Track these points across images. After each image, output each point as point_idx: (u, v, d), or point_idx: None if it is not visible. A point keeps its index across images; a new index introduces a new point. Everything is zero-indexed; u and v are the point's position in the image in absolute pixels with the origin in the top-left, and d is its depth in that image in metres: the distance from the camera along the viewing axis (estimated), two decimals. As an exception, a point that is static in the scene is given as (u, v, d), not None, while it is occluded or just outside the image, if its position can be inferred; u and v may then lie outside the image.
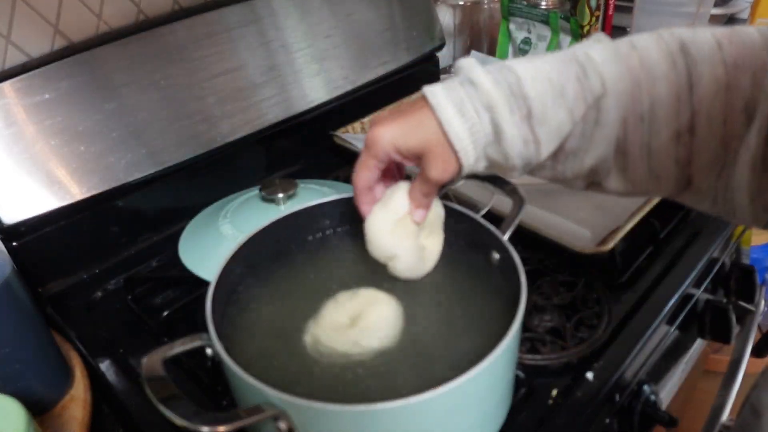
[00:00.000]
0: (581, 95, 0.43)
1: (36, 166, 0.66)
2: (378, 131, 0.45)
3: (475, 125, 0.43)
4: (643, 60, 0.43)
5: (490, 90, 0.42)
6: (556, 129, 0.43)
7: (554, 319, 0.62)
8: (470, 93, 0.43)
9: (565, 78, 0.43)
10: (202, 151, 0.78)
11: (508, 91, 0.43)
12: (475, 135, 0.43)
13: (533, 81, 0.43)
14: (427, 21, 1.06)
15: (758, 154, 0.40)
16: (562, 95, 0.43)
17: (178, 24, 0.76)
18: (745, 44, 0.41)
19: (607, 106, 0.43)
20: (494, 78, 0.43)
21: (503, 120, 0.43)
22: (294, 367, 0.48)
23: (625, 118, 0.44)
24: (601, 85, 0.43)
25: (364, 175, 0.48)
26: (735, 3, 1.32)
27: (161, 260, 0.77)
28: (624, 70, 0.43)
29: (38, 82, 0.66)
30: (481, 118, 0.43)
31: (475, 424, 0.46)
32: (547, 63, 0.44)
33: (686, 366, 0.88)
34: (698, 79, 0.41)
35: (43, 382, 0.55)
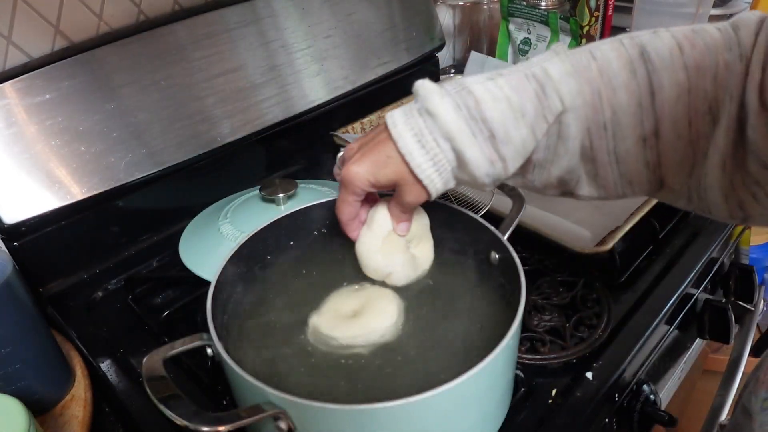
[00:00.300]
0: (541, 113, 0.43)
1: (37, 166, 0.66)
2: (352, 170, 0.46)
3: (437, 155, 0.44)
4: (603, 70, 0.43)
5: (448, 120, 0.43)
6: (521, 146, 0.44)
7: (554, 319, 0.63)
8: (429, 123, 0.44)
9: (524, 97, 0.43)
10: (202, 151, 0.78)
11: (468, 114, 0.43)
12: (438, 164, 0.44)
13: (493, 102, 0.43)
14: (427, 21, 1.06)
15: (727, 153, 0.41)
16: (522, 114, 0.43)
17: (179, 24, 0.76)
18: (706, 45, 0.41)
19: (568, 121, 0.44)
20: (453, 103, 0.43)
21: (465, 146, 0.43)
22: (294, 367, 0.48)
23: (588, 129, 0.44)
24: (560, 102, 0.43)
25: (347, 210, 0.51)
26: (734, 3, 1.32)
27: (161, 260, 0.78)
28: (583, 83, 0.43)
29: (39, 82, 0.66)
30: (441, 147, 0.44)
31: (475, 424, 0.46)
32: (505, 82, 0.44)
33: (685, 366, 0.88)
34: (659, 86, 0.42)
35: (44, 382, 0.55)
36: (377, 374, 0.47)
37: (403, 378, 0.46)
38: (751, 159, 0.40)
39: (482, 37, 1.24)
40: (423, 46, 1.05)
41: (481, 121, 0.43)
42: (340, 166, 0.51)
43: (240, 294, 0.54)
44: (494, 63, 1.09)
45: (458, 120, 0.43)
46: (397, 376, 0.46)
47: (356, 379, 0.47)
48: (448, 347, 0.49)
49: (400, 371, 0.47)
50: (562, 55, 0.45)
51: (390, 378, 0.46)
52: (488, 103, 0.43)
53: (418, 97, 0.45)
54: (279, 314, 0.53)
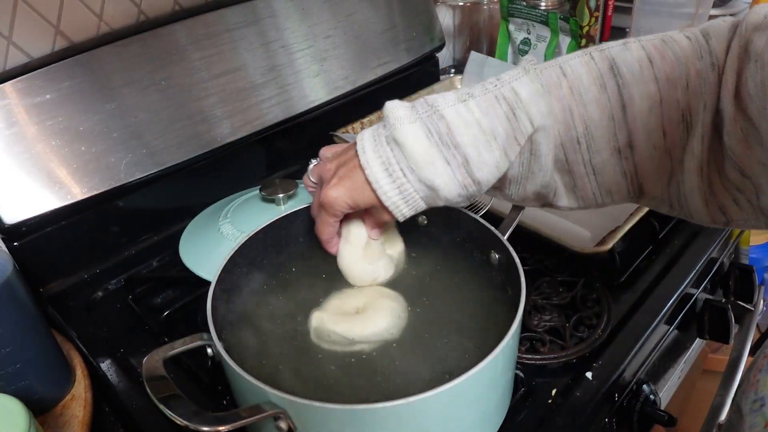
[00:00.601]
0: (512, 135, 0.43)
1: (37, 167, 0.66)
2: (332, 194, 0.47)
3: (403, 184, 0.44)
4: (573, 86, 0.44)
5: (417, 151, 0.43)
6: (494, 168, 0.44)
7: (554, 319, 0.63)
8: (396, 153, 0.44)
9: (495, 120, 0.43)
10: (202, 152, 0.78)
11: (440, 141, 0.43)
12: (405, 192, 0.45)
13: (465, 127, 0.43)
14: (427, 21, 1.06)
15: (704, 160, 0.41)
16: (494, 137, 0.43)
17: (179, 25, 0.76)
18: (676, 56, 0.42)
19: (539, 140, 0.44)
20: (424, 128, 0.43)
21: (434, 176, 0.43)
22: (294, 367, 0.48)
23: (562, 144, 0.45)
24: (530, 123, 0.43)
25: (328, 231, 0.52)
26: (734, 3, 1.32)
27: (162, 260, 0.78)
28: (553, 101, 0.44)
29: (39, 82, 0.66)
30: (408, 178, 0.44)
31: (475, 423, 0.46)
32: (476, 105, 0.44)
33: (685, 365, 0.88)
34: (629, 99, 0.42)
35: (44, 382, 0.55)
36: (377, 373, 0.47)
37: (403, 377, 0.46)
38: (728, 165, 0.40)
39: (482, 37, 1.24)
40: (423, 46, 1.05)
41: (453, 147, 0.43)
42: (311, 177, 0.53)
43: (240, 294, 0.54)
44: (494, 63, 1.09)
45: (430, 148, 0.43)
46: (397, 376, 0.46)
47: (356, 378, 0.47)
48: (448, 347, 0.49)
49: (400, 370, 0.47)
50: (532, 74, 0.44)
51: (390, 377, 0.46)
52: (460, 128, 0.43)
53: (387, 123, 0.45)
54: (279, 314, 0.53)
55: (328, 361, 0.48)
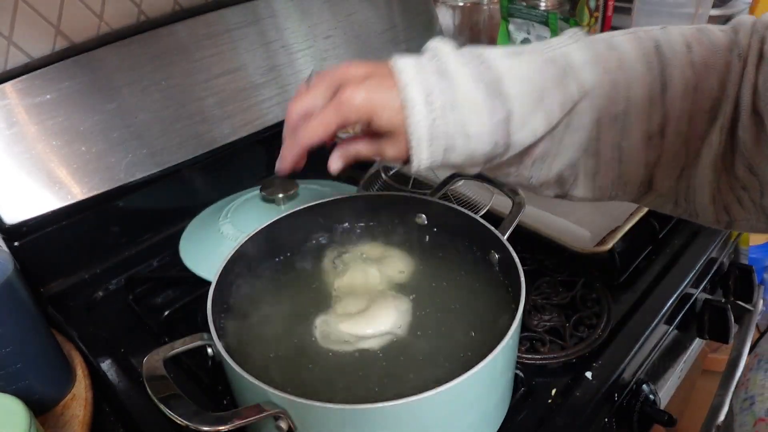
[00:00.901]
0: (559, 101, 0.41)
1: (37, 167, 0.66)
2: (356, 94, 0.40)
3: (437, 119, 0.40)
4: (622, 61, 0.42)
5: (464, 90, 0.40)
6: (531, 132, 0.42)
7: (553, 319, 0.63)
8: (443, 86, 0.40)
9: (545, 80, 0.41)
10: (202, 152, 0.78)
11: (486, 90, 0.40)
12: (435, 130, 0.40)
13: (514, 80, 0.40)
14: (427, 21, 1.06)
15: (719, 153, 0.41)
16: (541, 99, 0.41)
17: (179, 25, 0.76)
18: (712, 44, 0.41)
19: (582, 110, 0.42)
20: (471, 73, 0.40)
21: (473, 122, 0.40)
22: (295, 366, 0.48)
23: (599, 119, 0.42)
24: (579, 91, 0.41)
25: (317, 133, 0.43)
26: (734, 3, 1.32)
27: (162, 260, 0.78)
28: (602, 72, 0.42)
29: (40, 82, 0.66)
30: (447, 115, 0.40)
31: (475, 423, 0.46)
32: (526, 61, 0.41)
33: (685, 365, 0.88)
34: (670, 81, 0.41)
35: (45, 382, 0.55)
36: (377, 373, 0.47)
37: (403, 377, 0.46)
38: (738, 161, 0.40)
39: (482, 37, 1.24)
40: (423, 46, 1.05)
41: (499, 97, 0.40)
42: (309, 82, 0.44)
43: (240, 294, 0.54)
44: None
45: (477, 93, 0.40)
46: (397, 376, 0.46)
47: (357, 378, 0.47)
48: (448, 347, 0.49)
49: (400, 370, 0.47)
50: (582, 42, 0.43)
51: (390, 377, 0.46)
52: (509, 81, 0.40)
53: (435, 55, 0.42)
54: (280, 314, 0.53)
55: (329, 360, 0.48)
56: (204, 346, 0.46)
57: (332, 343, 0.50)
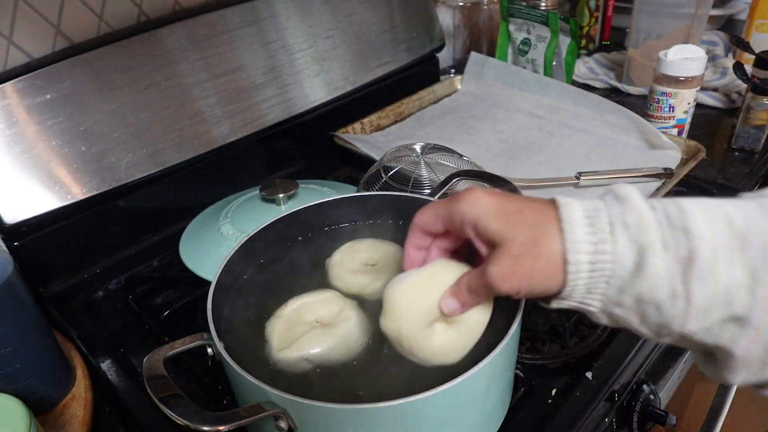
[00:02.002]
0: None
1: (37, 166, 0.66)
2: (477, 193, 0.37)
3: (604, 242, 0.32)
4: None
5: (639, 208, 0.33)
6: (724, 293, 0.31)
7: (554, 319, 0.63)
8: (610, 205, 0.33)
9: (754, 226, 0.31)
10: (202, 152, 0.78)
11: (664, 218, 0.32)
12: (599, 255, 0.32)
13: (705, 215, 0.32)
14: (427, 22, 1.06)
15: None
16: (743, 246, 0.31)
17: (179, 25, 0.76)
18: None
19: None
20: (649, 202, 0.33)
21: (650, 248, 0.31)
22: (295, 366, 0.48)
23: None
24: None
25: (427, 218, 0.40)
26: (734, 4, 1.32)
27: (162, 260, 0.78)
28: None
29: (40, 82, 0.66)
30: (616, 236, 0.32)
31: (475, 423, 0.46)
32: (728, 204, 0.33)
33: (685, 365, 0.88)
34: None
35: (45, 382, 0.55)
36: (378, 373, 0.47)
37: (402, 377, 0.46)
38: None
39: (482, 37, 1.24)
40: (423, 46, 1.06)
41: (682, 231, 0.31)
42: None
43: (240, 294, 0.54)
44: (494, 63, 1.09)
45: (650, 215, 0.32)
46: (397, 375, 0.46)
47: (357, 378, 0.47)
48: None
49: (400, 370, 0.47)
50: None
51: (390, 377, 0.46)
52: (697, 215, 0.32)
53: (607, 191, 0.35)
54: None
55: (329, 360, 0.48)
56: (204, 346, 0.46)
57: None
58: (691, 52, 0.87)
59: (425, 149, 0.75)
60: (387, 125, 1.02)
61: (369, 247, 0.58)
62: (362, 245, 0.58)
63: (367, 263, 0.57)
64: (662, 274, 0.31)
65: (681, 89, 0.89)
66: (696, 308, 0.31)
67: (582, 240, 0.33)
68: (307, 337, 0.49)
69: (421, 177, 0.72)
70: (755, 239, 0.31)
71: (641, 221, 0.32)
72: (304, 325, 0.50)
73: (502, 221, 0.35)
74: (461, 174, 0.64)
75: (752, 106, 0.91)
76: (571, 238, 0.33)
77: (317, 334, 0.49)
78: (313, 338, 0.48)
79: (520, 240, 0.34)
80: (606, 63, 1.23)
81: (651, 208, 0.33)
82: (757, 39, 1.10)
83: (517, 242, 0.34)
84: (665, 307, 0.32)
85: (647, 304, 0.32)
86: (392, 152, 0.75)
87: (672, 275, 0.31)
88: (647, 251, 0.31)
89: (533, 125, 1.00)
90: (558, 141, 0.95)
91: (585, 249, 0.33)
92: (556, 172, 0.83)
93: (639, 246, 0.32)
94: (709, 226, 0.31)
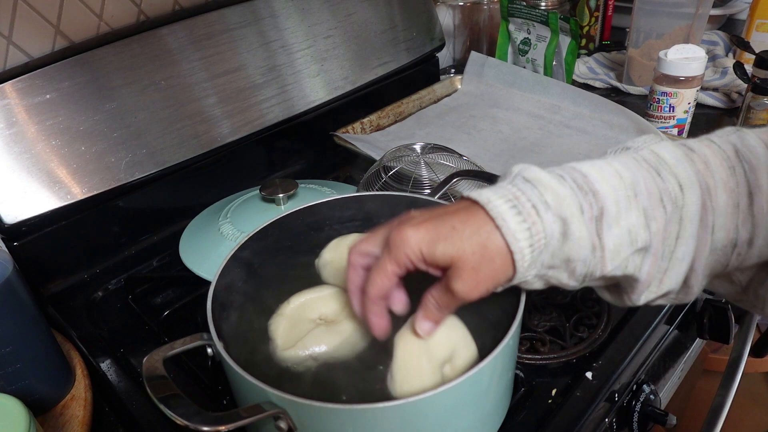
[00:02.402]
0: (657, 196, 0.37)
1: (37, 166, 0.66)
2: (405, 233, 0.38)
3: (535, 224, 0.36)
4: (707, 164, 0.37)
5: (552, 185, 0.36)
6: (627, 234, 0.37)
7: (554, 319, 0.63)
8: (526, 189, 0.37)
9: (637, 174, 0.37)
10: (202, 152, 0.78)
11: (575, 186, 0.37)
12: (535, 236, 0.36)
13: (601, 175, 0.37)
14: (427, 21, 1.06)
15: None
16: (635, 194, 0.37)
17: (179, 24, 0.76)
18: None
19: (689, 215, 0.37)
20: (556, 174, 0.37)
21: (572, 217, 0.36)
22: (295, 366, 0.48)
23: (698, 232, 0.37)
24: (678, 187, 0.37)
25: (381, 283, 0.40)
26: (733, 4, 1.32)
27: (162, 260, 0.78)
28: (695, 173, 0.37)
29: (39, 82, 0.66)
30: (541, 216, 0.36)
31: (475, 424, 0.46)
32: (613, 162, 0.38)
33: (685, 365, 0.88)
34: (756, 187, 0.37)
35: (44, 382, 0.55)
36: (378, 373, 0.47)
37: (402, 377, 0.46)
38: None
39: (482, 37, 1.24)
40: (423, 46, 1.06)
41: (591, 193, 0.36)
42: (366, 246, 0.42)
43: (240, 294, 0.54)
44: (494, 63, 1.09)
45: (563, 188, 0.36)
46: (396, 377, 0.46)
47: (357, 377, 0.47)
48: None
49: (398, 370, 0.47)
50: (667, 141, 0.39)
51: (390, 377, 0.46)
52: (597, 176, 0.37)
53: (510, 175, 0.39)
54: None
55: (334, 357, 0.48)
56: (204, 346, 0.46)
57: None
58: (691, 51, 0.87)
59: (425, 149, 0.75)
60: (387, 125, 1.02)
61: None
62: (349, 241, 0.58)
63: None
64: (584, 235, 0.36)
65: (681, 89, 0.89)
66: (610, 252, 0.37)
67: (517, 229, 0.36)
68: (311, 335, 0.49)
69: (421, 177, 0.72)
70: (641, 186, 0.37)
71: (558, 197, 0.36)
72: (307, 322, 0.50)
73: (444, 245, 0.37)
74: (461, 174, 0.64)
75: (752, 106, 0.91)
76: (508, 231, 0.36)
77: (322, 332, 0.49)
78: (318, 336, 0.48)
79: (470, 251, 0.37)
80: (606, 63, 1.23)
81: (560, 181, 0.37)
82: (757, 39, 1.10)
83: (468, 255, 0.37)
84: (588, 260, 0.37)
85: (575, 262, 0.37)
86: (392, 152, 0.75)
87: (590, 233, 0.36)
88: (569, 220, 0.36)
89: (533, 125, 1.00)
90: (558, 141, 0.95)
91: (522, 236, 0.36)
92: (556, 172, 0.83)
93: (562, 218, 0.36)
94: (608, 183, 0.37)
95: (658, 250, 0.37)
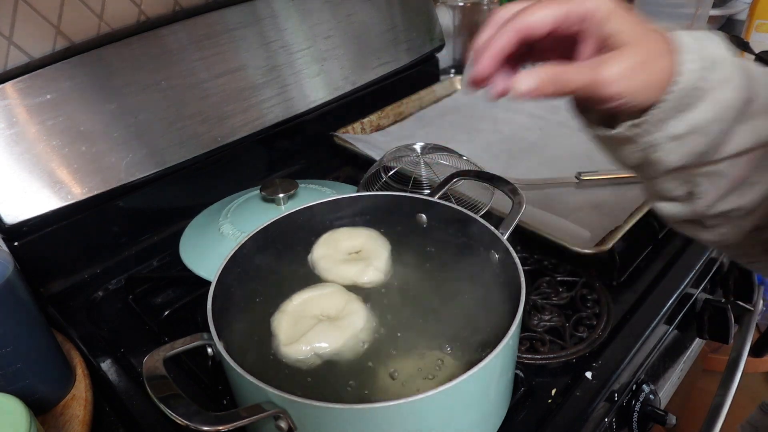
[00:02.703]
0: (746, 96, 0.36)
1: (38, 167, 0.66)
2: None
3: (703, 42, 0.35)
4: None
5: (724, 50, 0.35)
6: (752, 132, 0.36)
7: (553, 319, 0.63)
8: (702, 38, 0.35)
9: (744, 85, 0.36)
10: (202, 152, 0.78)
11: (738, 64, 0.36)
12: (702, 49, 0.34)
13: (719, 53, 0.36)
14: (427, 22, 1.06)
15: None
16: (750, 100, 0.36)
17: (179, 25, 0.76)
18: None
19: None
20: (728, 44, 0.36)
21: (729, 76, 0.35)
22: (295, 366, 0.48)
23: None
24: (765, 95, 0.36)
25: (536, 17, 0.34)
26: (733, 4, 1.32)
27: (162, 260, 0.78)
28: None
29: (40, 82, 0.66)
30: (709, 35, 0.35)
31: (475, 423, 0.46)
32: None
33: (685, 365, 0.88)
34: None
35: (45, 381, 0.55)
36: (378, 373, 0.47)
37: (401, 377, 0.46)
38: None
39: (482, 37, 1.24)
40: (423, 46, 1.06)
41: (749, 78, 0.36)
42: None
43: (240, 294, 0.54)
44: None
45: (728, 53, 0.36)
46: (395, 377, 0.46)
47: (357, 378, 0.47)
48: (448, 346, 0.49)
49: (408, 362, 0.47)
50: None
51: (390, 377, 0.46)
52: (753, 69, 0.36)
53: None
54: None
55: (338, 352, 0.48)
56: (204, 346, 0.46)
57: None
58: (691, 52, 0.87)
59: (425, 149, 0.75)
60: (387, 125, 1.02)
61: (346, 236, 0.59)
62: (339, 235, 0.59)
63: (350, 251, 0.58)
64: (737, 87, 0.35)
65: (681, 89, 0.89)
66: (730, 143, 0.36)
67: (687, 36, 0.34)
68: (315, 330, 0.49)
69: (421, 177, 0.72)
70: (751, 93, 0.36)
71: (725, 58, 0.35)
72: (310, 319, 0.51)
73: (632, 25, 0.34)
74: (461, 174, 0.64)
75: (752, 106, 0.91)
76: (676, 36, 0.34)
77: (325, 328, 0.49)
78: (322, 332, 0.49)
79: (649, 47, 0.33)
80: (606, 63, 1.23)
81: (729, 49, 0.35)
82: (757, 39, 1.10)
83: (645, 48, 0.33)
84: (731, 124, 0.36)
85: (722, 113, 0.35)
86: (392, 152, 0.75)
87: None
88: (725, 71, 0.34)
89: (533, 125, 1.00)
90: (558, 141, 0.95)
91: (688, 39, 0.34)
92: (556, 172, 0.83)
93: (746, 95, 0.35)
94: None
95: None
